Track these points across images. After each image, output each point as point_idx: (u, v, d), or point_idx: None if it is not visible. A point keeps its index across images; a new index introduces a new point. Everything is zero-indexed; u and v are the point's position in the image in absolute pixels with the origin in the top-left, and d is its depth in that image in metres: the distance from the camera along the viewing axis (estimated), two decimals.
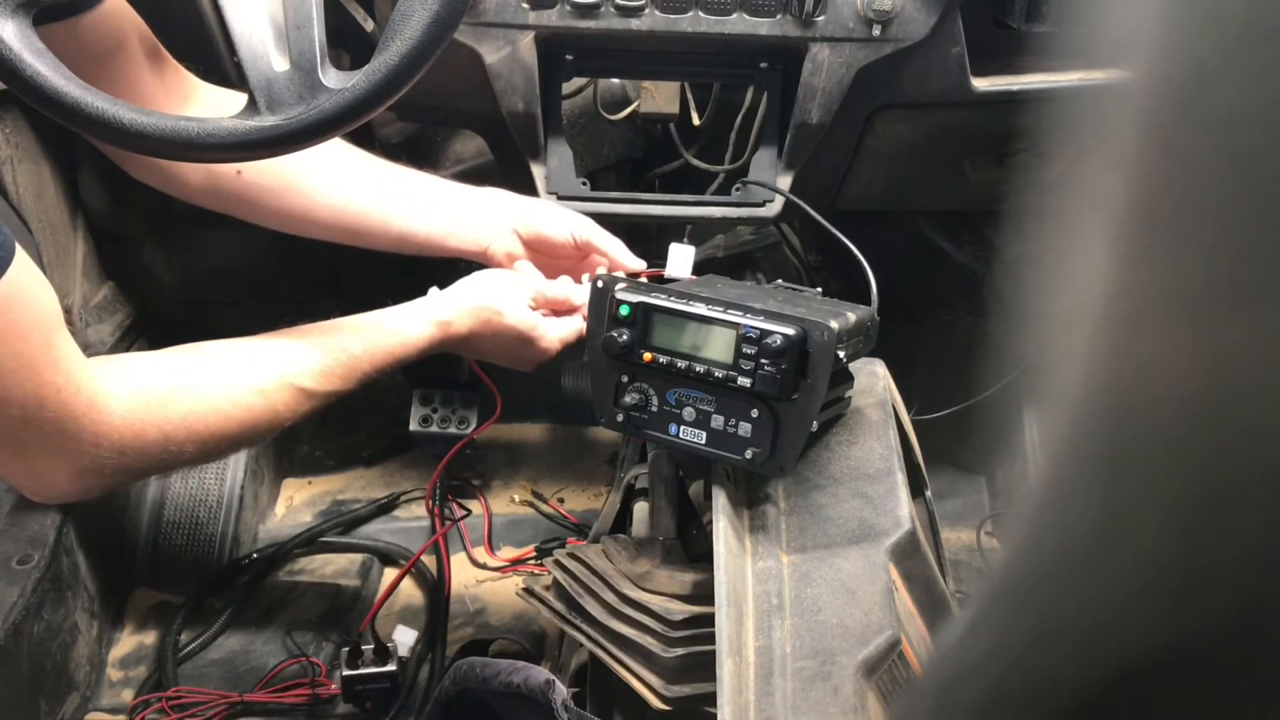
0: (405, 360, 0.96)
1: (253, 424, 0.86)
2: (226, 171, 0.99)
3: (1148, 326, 0.27)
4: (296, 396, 0.89)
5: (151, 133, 0.73)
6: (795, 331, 0.77)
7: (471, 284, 1.01)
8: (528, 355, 1.02)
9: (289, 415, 0.89)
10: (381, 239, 1.05)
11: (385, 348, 0.94)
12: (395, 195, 1.04)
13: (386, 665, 1.26)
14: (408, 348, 0.95)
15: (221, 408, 0.84)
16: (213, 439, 0.84)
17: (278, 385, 0.88)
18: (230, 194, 1.00)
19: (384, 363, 0.94)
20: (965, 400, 1.44)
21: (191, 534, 1.46)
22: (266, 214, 1.03)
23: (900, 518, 0.83)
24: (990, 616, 0.37)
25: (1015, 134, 1.24)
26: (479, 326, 0.99)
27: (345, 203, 1.03)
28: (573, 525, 1.58)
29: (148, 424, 0.79)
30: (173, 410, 0.81)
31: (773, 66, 1.14)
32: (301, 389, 0.89)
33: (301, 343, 0.92)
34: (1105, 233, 0.27)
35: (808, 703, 0.73)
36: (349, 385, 0.93)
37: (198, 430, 0.82)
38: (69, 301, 1.35)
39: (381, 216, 1.04)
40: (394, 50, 0.74)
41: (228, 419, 0.84)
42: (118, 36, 0.89)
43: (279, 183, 1.01)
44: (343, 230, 1.04)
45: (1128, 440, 0.29)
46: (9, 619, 1.14)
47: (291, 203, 1.02)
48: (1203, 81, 0.23)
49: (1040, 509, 0.34)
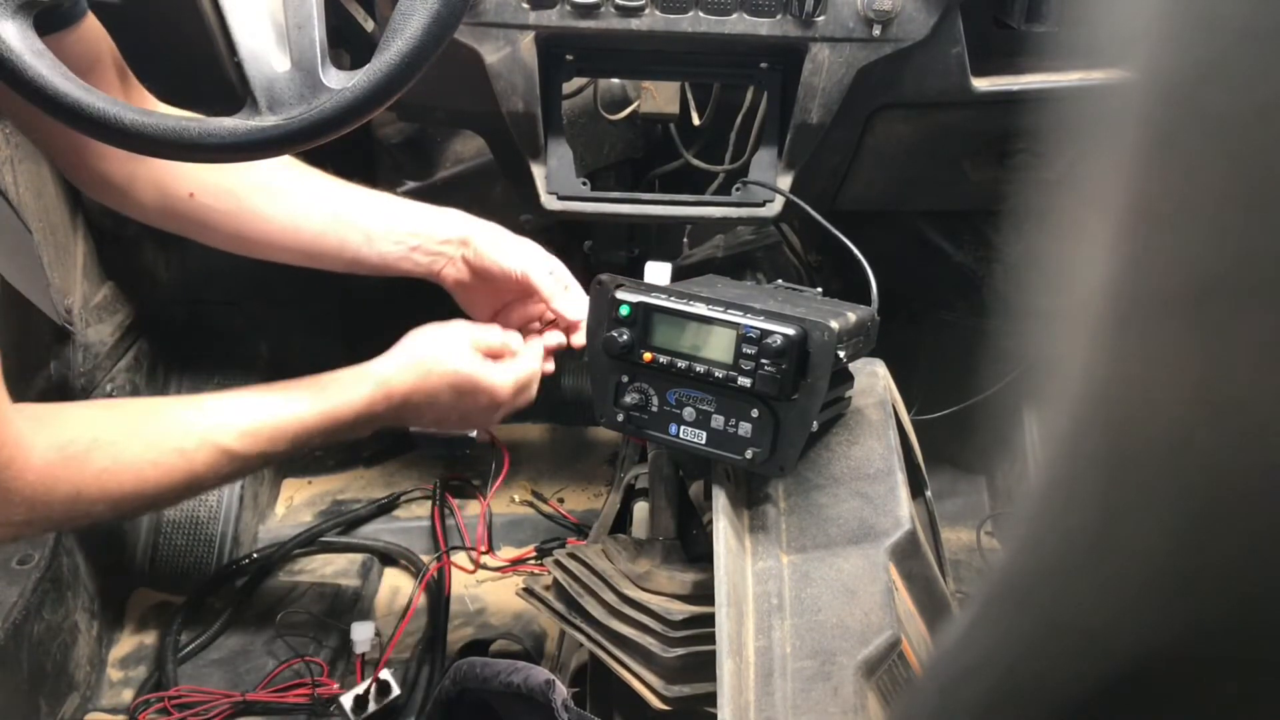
0: (344, 423, 0.93)
1: (169, 484, 0.84)
2: (179, 193, 0.98)
3: (1147, 327, 0.27)
4: (219, 457, 0.87)
5: (152, 133, 0.73)
6: (795, 331, 0.77)
7: (408, 340, 0.99)
8: (479, 405, 0.99)
9: (210, 476, 0.87)
10: (335, 261, 1.04)
11: (319, 409, 0.92)
12: (349, 217, 1.03)
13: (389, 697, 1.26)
14: (344, 408, 0.93)
15: (137, 466, 0.82)
16: (125, 499, 0.82)
17: (199, 445, 0.86)
18: (183, 215, 0.99)
19: (318, 425, 0.92)
20: (965, 400, 1.44)
21: (191, 534, 1.46)
22: (219, 236, 1.01)
23: (900, 518, 0.83)
24: (990, 616, 0.37)
25: (1015, 134, 1.24)
26: (420, 380, 0.96)
27: (298, 227, 1.01)
28: (573, 525, 1.58)
29: (61, 480, 0.77)
30: (88, 467, 0.79)
31: (773, 66, 1.14)
32: (224, 449, 0.87)
33: (228, 402, 0.90)
34: (1105, 233, 0.27)
35: (808, 703, 0.73)
36: (278, 448, 0.90)
37: (110, 489, 0.81)
38: (69, 301, 1.35)
39: (336, 239, 1.02)
40: (394, 50, 0.74)
41: (143, 479, 0.82)
42: (96, 54, 0.88)
43: (232, 205, 0.99)
44: (297, 253, 1.03)
45: (1127, 440, 0.29)
46: (9, 619, 1.14)
47: (245, 225, 1.00)
48: (1203, 81, 0.23)
49: (1040, 509, 0.34)
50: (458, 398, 0.98)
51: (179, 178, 0.97)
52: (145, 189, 0.97)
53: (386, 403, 0.95)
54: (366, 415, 0.94)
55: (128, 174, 0.96)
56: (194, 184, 0.98)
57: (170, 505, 0.91)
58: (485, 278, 1.05)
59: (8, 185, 1.20)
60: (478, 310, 1.09)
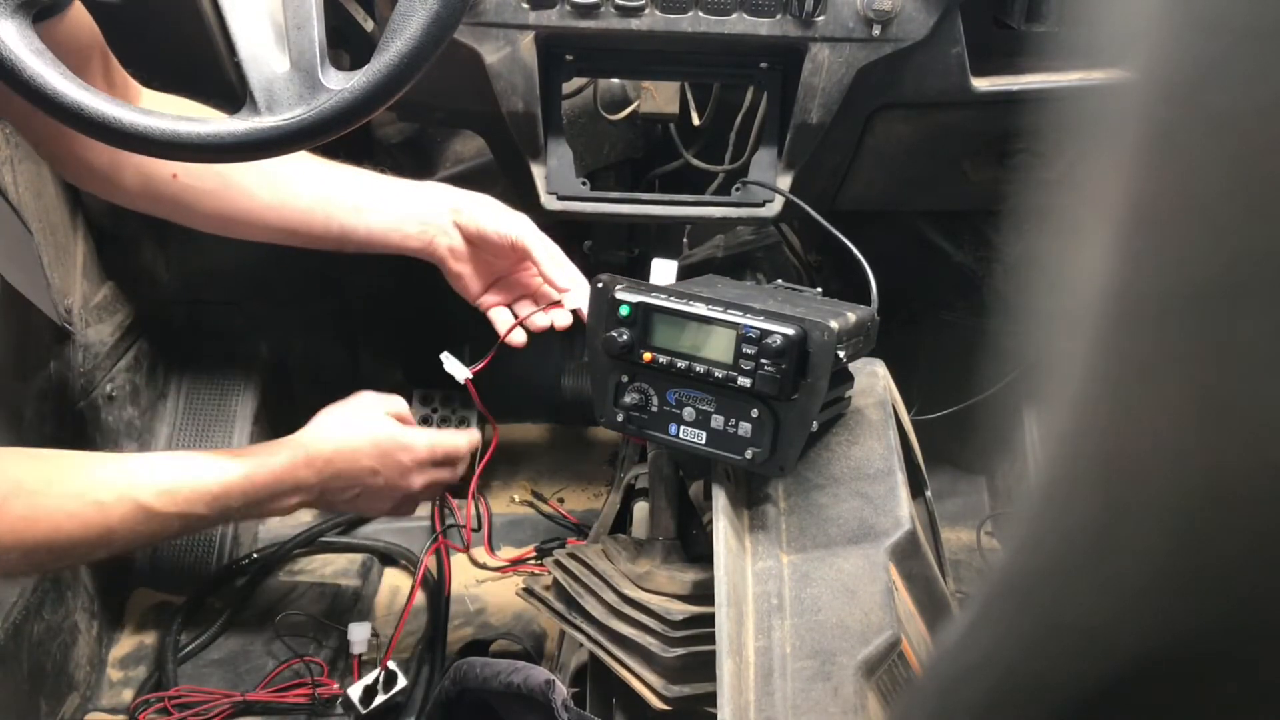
0: (266, 487, 0.94)
1: (83, 538, 0.84)
2: (163, 175, 0.97)
3: (1148, 326, 0.27)
4: (136, 513, 0.86)
5: (152, 134, 0.73)
6: (795, 331, 0.77)
7: (322, 414, 1.01)
8: (402, 465, 1.01)
9: (125, 533, 0.87)
10: (323, 237, 1.03)
11: (240, 472, 0.92)
12: (335, 193, 1.03)
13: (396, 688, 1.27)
14: (264, 472, 0.94)
15: (54, 517, 0.82)
16: (40, 549, 0.82)
17: (117, 499, 0.86)
18: (168, 197, 0.99)
19: (239, 487, 0.92)
20: (965, 400, 1.44)
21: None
22: (204, 217, 1.01)
23: (900, 518, 0.83)
24: (990, 616, 0.37)
25: (1015, 134, 1.24)
26: (340, 442, 0.98)
27: (284, 202, 1.01)
28: (573, 525, 1.58)
29: None
30: (6, 513, 0.79)
31: (773, 66, 1.14)
32: (142, 505, 0.87)
33: (150, 461, 0.91)
34: (1105, 233, 0.27)
35: (808, 703, 0.73)
36: (195, 509, 0.90)
37: (25, 539, 0.80)
38: (69, 301, 1.35)
39: (322, 215, 1.02)
40: (394, 50, 0.74)
41: (57, 530, 0.82)
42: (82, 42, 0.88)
43: (217, 184, 0.99)
44: (283, 230, 1.02)
45: (1127, 441, 0.29)
46: (9, 619, 1.14)
47: (230, 204, 1.00)
48: (1203, 81, 0.23)
49: (1040, 509, 0.34)
50: (380, 457, 1.00)
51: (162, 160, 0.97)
52: (129, 174, 0.97)
53: (308, 467, 0.96)
54: (289, 480, 0.95)
55: (110, 159, 0.96)
56: (178, 165, 0.97)
57: (81, 561, 0.92)
58: (479, 244, 1.05)
59: (8, 185, 1.20)
60: (469, 284, 1.08)
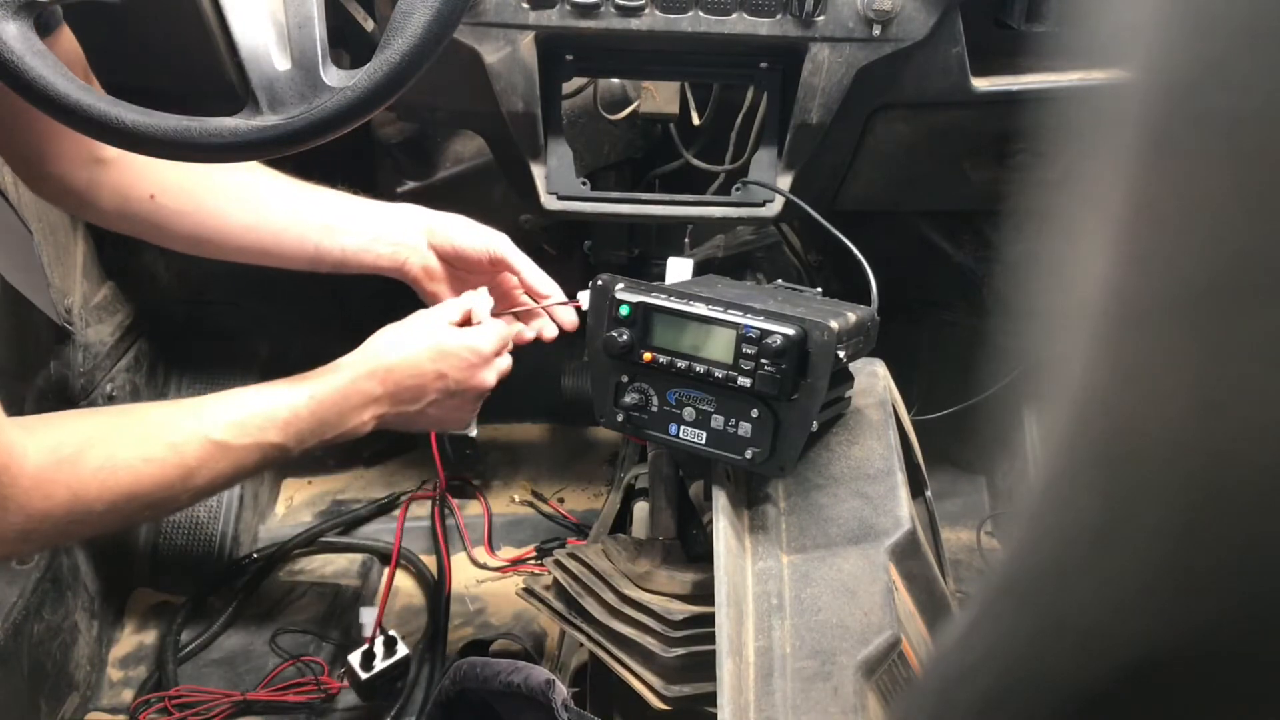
0: (333, 406, 0.93)
1: (164, 481, 0.84)
2: (140, 196, 0.98)
3: (1148, 327, 0.27)
4: (211, 450, 0.86)
5: (154, 134, 0.73)
6: (795, 331, 0.77)
7: (376, 334, 1.00)
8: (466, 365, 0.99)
9: (205, 473, 0.86)
10: (297, 257, 1.04)
11: (306, 394, 0.92)
12: (308, 213, 1.03)
13: (396, 655, 1.27)
14: (330, 390, 0.93)
15: (131, 464, 0.82)
16: (123, 497, 0.82)
17: (189, 439, 0.85)
18: (143, 218, 0.99)
19: (308, 409, 0.92)
20: (965, 400, 1.44)
21: (191, 534, 1.46)
22: (179, 238, 1.02)
23: (900, 518, 0.83)
24: (990, 616, 0.37)
25: (1015, 134, 1.24)
26: (402, 355, 0.96)
27: (258, 222, 1.02)
28: (573, 525, 1.58)
29: (57, 483, 0.77)
30: (83, 466, 0.79)
31: (773, 66, 1.14)
32: (215, 441, 0.86)
33: (213, 398, 0.90)
34: (1105, 233, 0.27)
35: (808, 703, 0.73)
36: (268, 437, 0.90)
37: (108, 487, 0.80)
38: (69, 301, 1.35)
39: (296, 234, 1.03)
40: (395, 49, 0.74)
41: (137, 477, 0.82)
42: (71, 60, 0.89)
43: (191, 206, 1.00)
44: (257, 251, 1.03)
45: (1127, 440, 0.29)
46: (9, 619, 1.14)
47: (204, 225, 1.01)
48: (1203, 81, 0.23)
49: (1040, 509, 0.34)
50: (442, 359, 0.97)
51: (140, 180, 0.98)
52: (106, 193, 0.97)
53: (370, 378, 0.94)
54: (355, 394, 0.94)
55: (88, 179, 0.96)
56: (155, 186, 0.98)
57: (170, 508, 0.91)
58: (455, 262, 1.06)
59: (7, 185, 1.20)
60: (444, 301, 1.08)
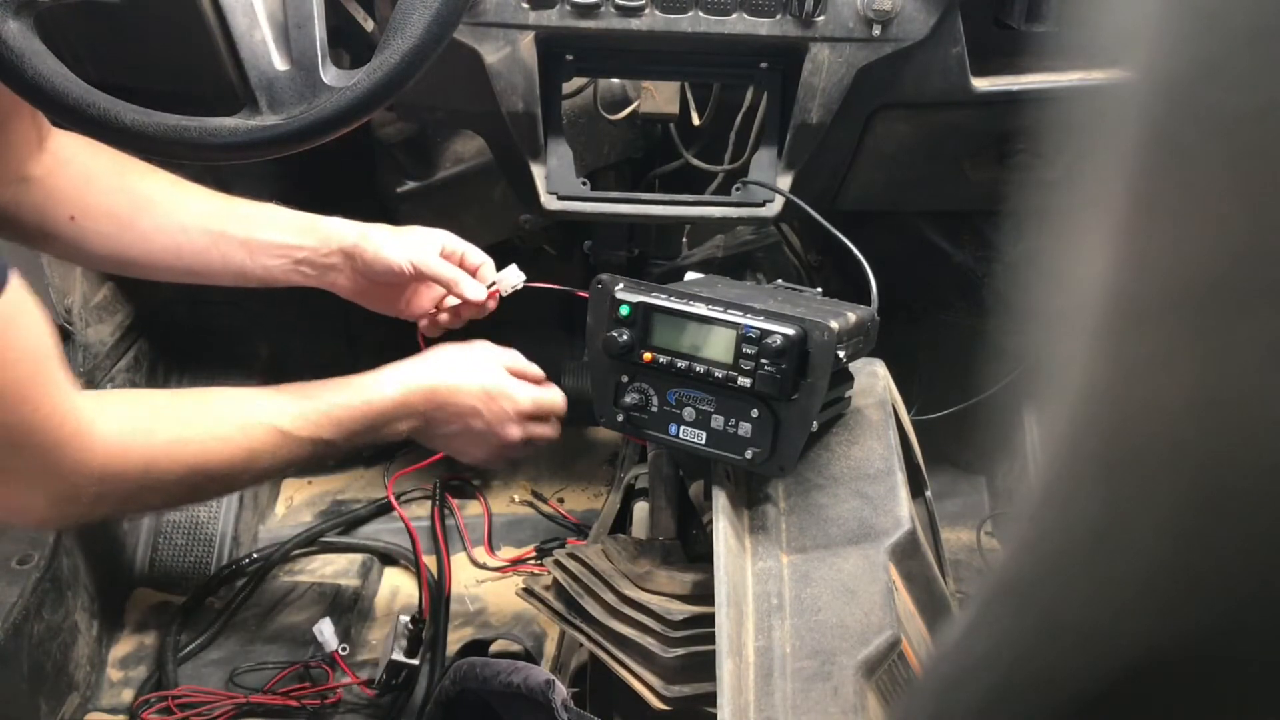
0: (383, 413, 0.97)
1: (230, 459, 0.87)
2: (60, 217, 0.98)
3: (1148, 327, 0.27)
4: (274, 436, 0.89)
5: (153, 133, 0.73)
6: (795, 331, 0.77)
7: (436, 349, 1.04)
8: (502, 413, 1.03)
9: (267, 457, 0.89)
10: (221, 274, 1.05)
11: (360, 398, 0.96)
12: (231, 234, 1.04)
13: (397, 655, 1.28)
14: (380, 398, 0.97)
15: (201, 439, 0.85)
16: (192, 470, 0.84)
17: (255, 423, 0.89)
18: (65, 239, 1.00)
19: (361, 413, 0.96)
20: (965, 400, 1.44)
21: (191, 534, 1.46)
22: (102, 259, 1.03)
23: (900, 518, 0.83)
24: (990, 616, 0.37)
25: (1015, 134, 1.24)
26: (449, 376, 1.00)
27: (179, 245, 1.02)
28: (573, 525, 1.58)
29: (131, 450, 0.80)
30: (156, 437, 0.81)
31: (773, 66, 1.14)
32: (279, 430, 0.90)
33: (274, 391, 0.94)
34: (1105, 233, 0.27)
35: (808, 703, 0.73)
36: (324, 434, 0.93)
37: (180, 458, 0.83)
38: (69, 301, 1.35)
39: (218, 255, 1.03)
40: (395, 49, 0.74)
41: (206, 452, 0.85)
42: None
43: (113, 228, 1.00)
44: (181, 270, 1.04)
45: (1127, 441, 0.29)
46: (9, 619, 1.14)
47: (127, 247, 1.01)
48: (1203, 81, 0.23)
49: (1040, 509, 0.34)
50: (485, 400, 1.02)
51: (60, 202, 0.98)
52: (27, 212, 0.97)
53: (417, 393, 0.99)
54: (404, 406, 0.98)
55: (12, 197, 0.96)
56: (76, 208, 0.98)
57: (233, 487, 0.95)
58: (372, 277, 1.07)
59: None
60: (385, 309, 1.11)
